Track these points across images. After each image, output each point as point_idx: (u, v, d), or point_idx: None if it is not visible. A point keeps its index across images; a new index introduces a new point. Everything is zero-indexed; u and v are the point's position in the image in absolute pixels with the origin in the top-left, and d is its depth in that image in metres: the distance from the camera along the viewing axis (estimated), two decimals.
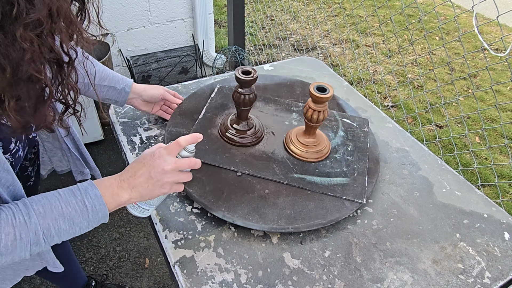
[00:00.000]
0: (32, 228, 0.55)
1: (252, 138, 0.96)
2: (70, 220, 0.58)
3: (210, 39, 2.71)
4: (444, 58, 3.33)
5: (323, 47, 3.44)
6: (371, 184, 0.89)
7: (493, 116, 2.71)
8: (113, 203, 0.62)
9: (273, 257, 0.76)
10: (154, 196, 0.65)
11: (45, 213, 0.56)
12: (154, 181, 0.63)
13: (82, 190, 0.60)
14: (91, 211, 0.59)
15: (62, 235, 0.58)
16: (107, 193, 0.61)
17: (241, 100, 0.90)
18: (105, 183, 0.62)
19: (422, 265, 0.77)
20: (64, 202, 0.58)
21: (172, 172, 0.64)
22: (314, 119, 0.87)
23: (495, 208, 0.90)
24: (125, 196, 0.63)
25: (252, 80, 0.87)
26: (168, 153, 0.64)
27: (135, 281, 1.68)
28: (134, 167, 0.64)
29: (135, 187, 0.63)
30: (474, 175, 2.22)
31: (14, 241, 0.54)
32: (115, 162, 2.23)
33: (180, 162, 0.65)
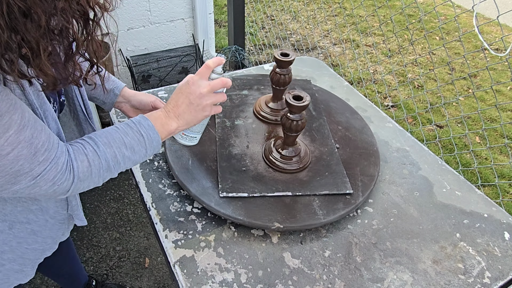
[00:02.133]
0: (102, 155, 0.62)
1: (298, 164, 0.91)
2: (131, 148, 0.65)
3: (210, 39, 2.71)
4: (444, 58, 3.33)
5: (323, 47, 3.43)
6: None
7: (493, 116, 2.71)
8: (164, 132, 0.68)
9: (273, 256, 0.76)
10: (198, 120, 0.70)
11: (110, 143, 0.64)
12: (195, 105, 0.68)
13: (136, 122, 0.66)
14: (147, 139, 0.66)
15: (126, 161, 0.66)
16: (157, 123, 0.67)
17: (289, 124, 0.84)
18: (154, 115, 0.68)
19: (422, 265, 0.77)
20: (123, 133, 0.65)
21: (208, 94, 0.68)
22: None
23: (495, 208, 0.90)
24: (173, 124, 0.69)
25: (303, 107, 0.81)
26: (200, 77, 0.69)
27: (135, 281, 1.68)
28: (174, 98, 0.69)
29: (180, 115, 0.69)
30: (474, 175, 2.22)
31: (89, 167, 0.61)
32: None
33: (214, 83, 0.69)
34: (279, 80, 0.98)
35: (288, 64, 0.96)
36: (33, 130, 0.55)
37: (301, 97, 0.81)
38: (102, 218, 1.93)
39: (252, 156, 0.93)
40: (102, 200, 2.01)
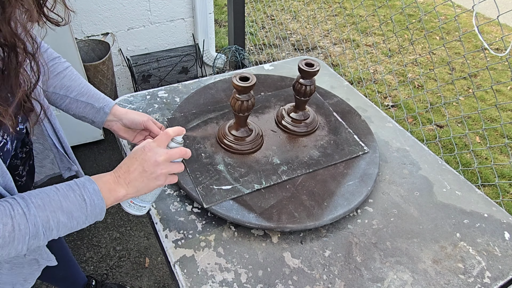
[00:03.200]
0: (31, 219, 0.54)
1: (251, 145, 0.94)
2: (68, 213, 0.58)
3: (211, 38, 2.71)
4: (444, 58, 3.33)
5: (323, 46, 3.43)
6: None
7: (494, 115, 2.71)
8: (110, 198, 0.62)
9: (273, 256, 0.76)
10: (150, 189, 0.66)
11: (44, 205, 0.56)
12: (148, 174, 0.64)
13: (80, 185, 0.60)
14: (89, 205, 0.59)
15: (60, 228, 0.58)
16: (104, 188, 0.62)
17: (239, 106, 0.88)
18: (102, 179, 0.63)
19: (423, 264, 0.77)
20: (63, 196, 0.58)
21: (164, 163, 0.64)
22: (302, 93, 0.96)
23: (495, 208, 0.90)
24: (121, 191, 0.63)
25: (249, 87, 0.85)
26: (158, 145, 0.65)
27: (135, 281, 1.68)
28: (127, 163, 0.65)
29: (131, 182, 0.64)
30: (475, 175, 2.22)
31: (12, 232, 0.53)
32: (115, 162, 2.23)
33: (171, 152, 0.65)
34: (302, 90, 0.96)
35: (312, 75, 0.94)
36: None
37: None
38: None
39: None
40: None
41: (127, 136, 0.91)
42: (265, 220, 0.79)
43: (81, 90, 0.86)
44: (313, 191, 0.86)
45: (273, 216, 0.80)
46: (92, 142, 2.30)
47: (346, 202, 0.84)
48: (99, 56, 2.29)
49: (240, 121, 0.93)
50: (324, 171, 0.92)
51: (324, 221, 0.80)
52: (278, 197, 0.84)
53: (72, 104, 0.86)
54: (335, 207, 0.83)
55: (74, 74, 0.87)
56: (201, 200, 0.81)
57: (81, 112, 0.87)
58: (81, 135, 2.20)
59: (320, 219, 0.80)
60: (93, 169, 2.17)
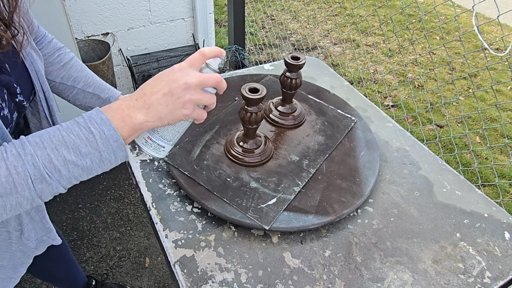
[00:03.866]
0: (28, 159, 0.47)
1: (261, 157, 0.92)
2: (75, 149, 0.49)
3: (211, 38, 2.71)
4: (444, 58, 3.33)
5: (323, 46, 3.43)
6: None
7: (494, 115, 2.71)
8: (125, 127, 0.52)
9: (273, 256, 0.76)
10: (174, 118, 0.54)
11: (43, 143, 0.49)
12: (175, 98, 0.52)
13: (85, 116, 0.51)
14: (99, 137, 0.50)
15: (70, 167, 0.50)
16: (116, 116, 0.51)
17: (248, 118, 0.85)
18: (113, 106, 0.52)
19: (423, 264, 0.77)
20: (66, 130, 0.50)
21: (196, 87, 0.53)
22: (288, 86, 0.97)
23: (496, 208, 0.90)
24: (139, 117, 0.52)
25: (259, 99, 0.81)
26: (190, 65, 0.54)
27: (136, 281, 1.68)
28: (150, 84, 0.53)
29: (152, 105, 0.52)
30: (475, 175, 2.22)
31: (9, 176, 0.46)
32: None
33: (206, 76, 0.54)
34: (290, 84, 0.97)
35: (298, 68, 0.95)
36: None
37: (258, 90, 0.81)
38: (102, 218, 1.93)
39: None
40: (102, 199, 2.01)
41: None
42: (324, 216, 0.81)
43: (88, 81, 0.88)
44: (341, 173, 0.90)
45: (328, 209, 0.82)
46: None
47: (370, 170, 0.91)
48: (99, 56, 2.29)
49: (249, 133, 0.90)
50: (336, 152, 0.96)
51: (366, 194, 0.85)
52: (318, 190, 0.86)
53: (79, 95, 0.88)
54: (367, 178, 0.89)
55: (79, 65, 0.89)
56: (260, 224, 0.78)
57: (88, 103, 0.88)
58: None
59: (363, 194, 0.85)
60: None
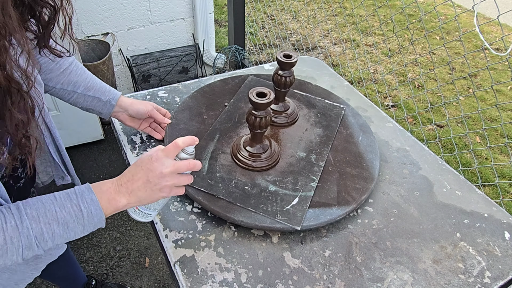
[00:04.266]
0: (24, 232, 0.54)
1: (268, 161, 0.91)
2: (64, 224, 0.57)
3: (211, 38, 2.71)
4: (444, 58, 3.33)
5: (323, 46, 3.43)
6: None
7: (494, 115, 2.71)
8: (110, 208, 0.61)
9: (273, 256, 0.76)
10: (153, 200, 0.64)
11: (39, 217, 0.55)
12: (152, 185, 0.62)
13: (78, 194, 0.59)
14: (86, 216, 0.58)
15: (56, 239, 0.57)
16: (104, 197, 0.60)
17: (256, 123, 0.83)
18: (102, 188, 0.61)
19: (423, 264, 0.77)
20: (59, 206, 0.57)
21: (170, 175, 0.62)
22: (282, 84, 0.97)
23: (496, 208, 0.90)
24: (122, 200, 0.61)
25: (267, 104, 0.80)
26: (166, 155, 0.62)
27: (136, 281, 1.68)
28: (131, 171, 0.63)
29: (133, 191, 0.62)
30: (475, 175, 2.22)
31: (4, 245, 0.53)
32: (115, 161, 2.23)
33: (179, 164, 0.63)
34: (281, 82, 0.97)
35: (290, 66, 0.95)
36: None
37: (265, 94, 0.81)
38: None
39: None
40: None
41: (133, 124, 0.96)
42: (347, 206, 0.83)
43: (88, 85, 0.89)
44: (348, 161, 0.94)
45: (348, 198, 0.84)
46: (92, 142, 2.30)
47: (373, 154, 0.96)
48: (99, 56, 2.29)
49: (256, 137, 0.89)
50: (337, 142, 0.99)
51: (376, 177, 0.90)
52: (333, 181, 0.89)
53: (80, 99, 0.89)
54: (372, 162, 0.94)
55: (79, 69, 0.89)
56: (292, 226, 0.78)
57: (89, 105, 0.90)
58: (81, 135, 2.20)
59: (373, 176, 0.90)
60: (93, 169, 2.17)
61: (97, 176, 2.13)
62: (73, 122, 2.06)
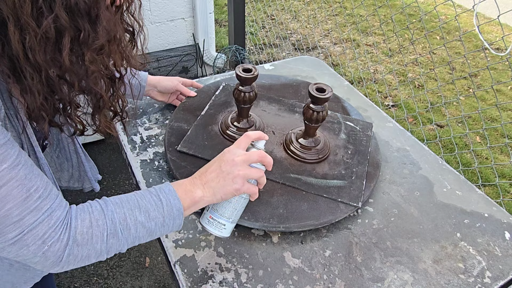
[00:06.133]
0: (109, 215, 0.56)
1: None
2: (146, 212, 0.59)
3: (211, 38, 2.71)
4: (444, 58, 3.33)
5: (323, 46, 3.43)
6: (369, 188, 0.88)
7: (494, 115, 2.71)
8: (186, 199, 0.62)
9: (273, 256, 0.76)
10: (226, 192, 0.63)
11: (121, 203, 0.58)
12: (225, 174, 0.63)
13: (157, 188, 0.62)
14: (166, 205, 0.60)
15: (138, 228, 0.58)
16: (180, 189, 0.63)
17: (242, 97, 0.91)
18: (179, 182, 0.65)
19: (423, 264, 0.77)
20: (140, 196, 0.60)
21: (242, 164, 0.63)
22: (314, 120, 0.87)
23: (496, 208, 0.90)
24: (198, 192, 0.63)
25: (252, 78, 0.88)
26: (237, 146, 0.66)
27: (136, 280, 1.68)
28: (205, 166, 0.66)
29: (207, 182, 0.63)
30: (475, 175, 2.21)
31: (90, 228, 0.54)
32: (115, 161, 2.23)
33: (249, 153, 0.64)
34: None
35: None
36: (27, 171, 0.51)
37: (250, 69, 0.89)
38: None
39: None
40: None
41: (163, 99, 1.09)
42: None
43: None
44: None
45: None
46: (93, 142, 2.30)
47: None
48: None
49: (242, 112, 0.95)
50: None
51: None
52: None
53: None
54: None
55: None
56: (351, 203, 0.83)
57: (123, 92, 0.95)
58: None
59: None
60: None
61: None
62: None
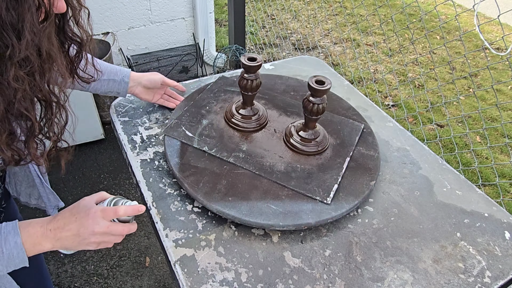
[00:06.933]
0: None
1: (256, 123, 1.00)
2: None
3: (211, 38, 2.71)
4: (445, 57, 3.32)
5: (323, 46, 3.43)
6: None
7: (494, 115, 2.71)
8: (33, 251, 0.62)
9: (273, 256, 0.76)
10: (77, 249, 0.66)
11: None
12: (81, 239, 0.63)
13: (2, 235, 0.60)
14: (7, 257, 0.60)
15: None
16: (29, 241, 0.61)
17: (246, 85, 0.94)
18: (30, 230, 0.62)
19: (423, 264, 0.77)
20: None
21: (102, 234, 0.64)
22: (314, 112, 0.90)
23: (496, 208, 0.90)
24: (47, 245, 0.63)
25: (256, 66, 0.92)
26: (103, 216, 0.64)
27: (136, 280, 1.69)
28: (64, 218, 0.64)
29: (60, 239, 0.63)
30: (475, 175, 2.22)
31: None
32: (115, 161, 2.23)
33: (113, 228, 0.64)
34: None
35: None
36: None
37: (255, 58, 0.92)
38: None
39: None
40: None
41: (147, 97, 1.05)
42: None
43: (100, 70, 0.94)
44: None
45: None
46: (93, 141, 2.30)
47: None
48: (100, 56, 2.29)
49: (247, 100, 0.99)
50: None
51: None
52: None
53: (97, 85, 0.96)
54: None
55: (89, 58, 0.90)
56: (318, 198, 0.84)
57: (106, 89, 0.98)
58: (82, 134, 2.20)
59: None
60: (93, 168, 2.17)
61: (97, 175, 2.14)
62: None
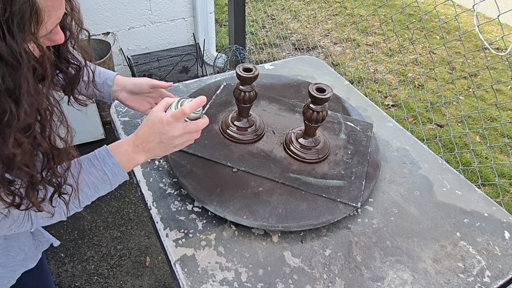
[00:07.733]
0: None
1: (252, 135, 0.97)
2: (94, 187, 0.65)
3: (211, 38, 2.71)
4: (444, 57, 3.33)
5: (323, 46, 3.43)
6: (368, 188, 0.88)
7: (494, 115, 2.71)
8: (130, 167, 0.69)
9: (273, 255, 0.76)
10: (168, 153, 0.71)
11: None
12: (166, 144, 0.68)
13: (100, 158, 0.66)
14: (111, 177, 0.66)
15: (90, 199, 0.66)
16: (123, 159, 0.67)
17: (242, 97, 0.91)
18: (120, 150, 0.68)
19: (423, 264, 0.77)
20: (86, 173, 0.64)
21: (182, 136, 0.68)
22: (314, 120, 0.87)
23: (496, 207, 0.90)
24: (141, 158, 0.69)
25: (252, 78, 0.88)
26: (175, 120, 0.67)
27: (136, 280, 1.69)
28: (145, 132, 0.68)
29: (150, 150, 0.68)
30: (475, 174, 2.22)
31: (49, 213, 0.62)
32: None
33: (188, 128, 0.68)
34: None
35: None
36: None
37: (251, 69, 0.89)
38: (103, 217, 1.93)
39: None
40: (103, 199, 2.01)
41: (134, 104, 0.93)
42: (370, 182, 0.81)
43: None
44: None
45: None
46: (93, 141, 2.30)
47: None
48: (100, 56, 2.29)
49: (243, 111, 0.95)
50: None
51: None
52: None
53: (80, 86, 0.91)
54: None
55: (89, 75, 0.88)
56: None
57: (89, 91, 0.90)
58: (82, 134, 2.20)
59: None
60: None
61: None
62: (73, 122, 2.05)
